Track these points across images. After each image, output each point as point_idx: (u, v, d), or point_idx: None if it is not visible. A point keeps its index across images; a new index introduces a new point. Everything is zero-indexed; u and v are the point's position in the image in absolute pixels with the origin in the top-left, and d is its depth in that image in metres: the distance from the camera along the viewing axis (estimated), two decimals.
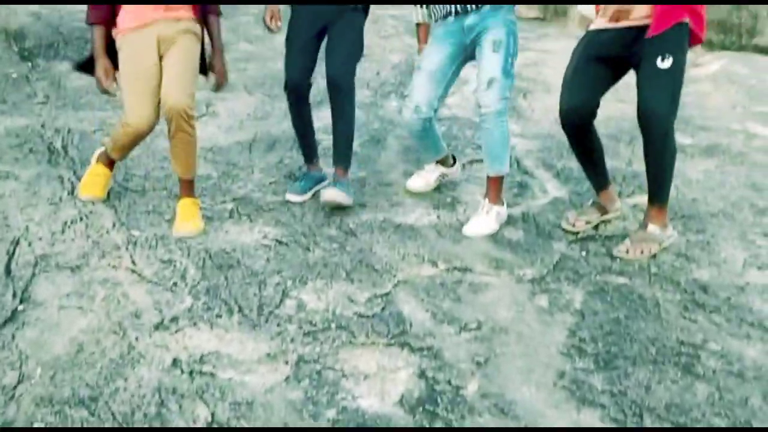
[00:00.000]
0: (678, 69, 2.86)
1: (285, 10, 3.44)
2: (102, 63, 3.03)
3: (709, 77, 6.33)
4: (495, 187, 3.30)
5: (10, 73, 4.85)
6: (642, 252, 3.02)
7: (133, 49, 3.01)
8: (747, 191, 3.72)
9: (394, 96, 5.44)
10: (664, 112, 2.86)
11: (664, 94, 2.85)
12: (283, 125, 4.50)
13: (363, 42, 3.40)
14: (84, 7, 3.10)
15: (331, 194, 3.29)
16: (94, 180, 3.29)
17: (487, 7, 3.17)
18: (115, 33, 3.07)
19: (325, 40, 3.38)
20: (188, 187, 3.23)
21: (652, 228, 3.07)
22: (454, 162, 3.73)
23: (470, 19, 3.19)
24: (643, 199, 3.48)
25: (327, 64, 3.29)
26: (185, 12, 3.10)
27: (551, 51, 6.93)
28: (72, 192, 3.36)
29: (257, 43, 6.33)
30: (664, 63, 2.83)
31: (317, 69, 3.43)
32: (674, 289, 2.83)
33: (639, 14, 2.92)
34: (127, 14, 3.04)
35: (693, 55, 8.02)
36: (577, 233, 3.24)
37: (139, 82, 2.98)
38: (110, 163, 3.33)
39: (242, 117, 4.69)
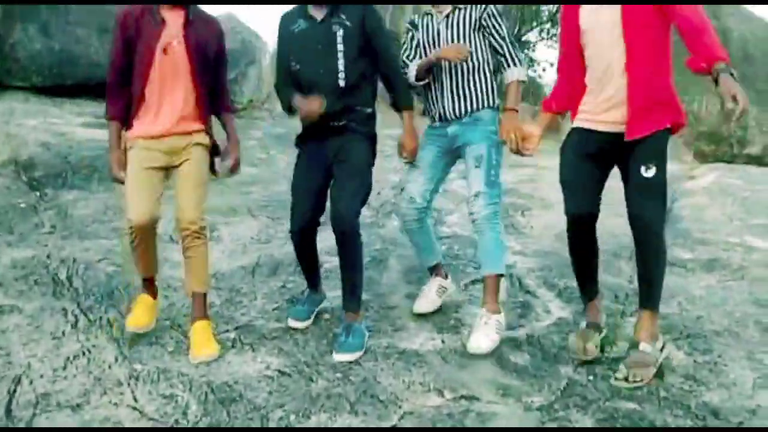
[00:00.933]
0: (662, 175, 2.92)
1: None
2: (115, 156, 3.20)
3: (705, 190, 6.44)
4: (491, 291, 3.31)
5: (18, 203, 4.94)
6: (642, 380, 2.94)
7: (140, 152, 3.15)
8: (751, 307, 3.71)
9: (395, 215, 5.52)
10: (654, 218, 2.91)
11: (651, 202, 2.91)
12: (286, 248, 4.53)
13: (370, 178, 3.36)
14: (92, 136, 3.24)
15: (342, 356, 3.16)
16: (137, 310, 3.32)
17: (467, 118, 3.39)
18: (126, 136, 3.21)
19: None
20: (201, 307, 3.25)
21: (644, 346, 2.99)
22: (447, 276, 3.80)
23: (453, 128, 3.43)
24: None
25: (331, 204, 3.24)
26: (196, 124, 3.24)
27: (547, 167, 7.04)
28: (75, 325, 3.36)
29: (261, 167, 6.50)
30: (648, 172, 2.90)
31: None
32: (685, 414, 2.78)
33: (618, 118, 3.00)
34: (139, 125, 3.18)
35: (686, 167, 8.21)
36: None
37: (140, 180, 3.11)
38: (149, 289, 3.38)
39: (246, 241, 4.75)
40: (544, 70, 15.12)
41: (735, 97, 2.51)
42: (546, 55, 15.10)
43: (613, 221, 3.57)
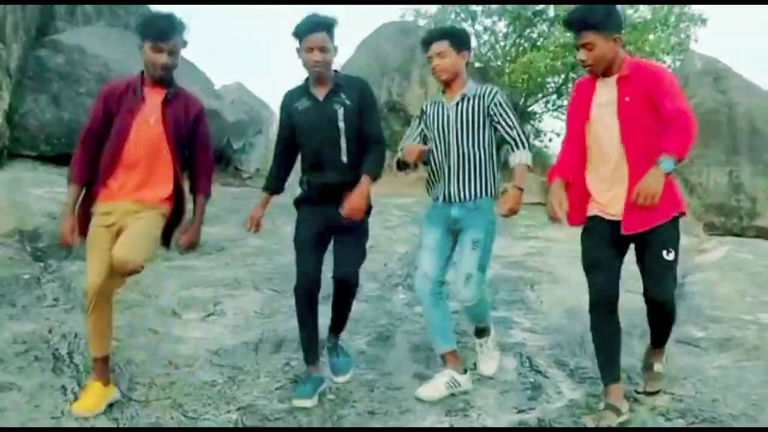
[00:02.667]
0: (677, 258, 3.18)
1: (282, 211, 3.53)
2: (69, 221, 3.23)
3: (715, 265, 6.37)
4: (481, 332, 3.80)
5: (21, 275, 4.91)
6: (658, 391, 3.46)
7: (99, 219, 3.22)
8: (767, 390, 3.59)
9: (402, 288, 5.47)
10: (672, 297, 3.21)
11: (671, 283, 3.19)
12: (290, 323, 4.47)
13: (367, 240, 3.60)
14: None
15: (342, 378, 3.64)
16: (84, 395, 3.25)
17: (470, 203, 3.49)
18: (97, 202, 3.27)
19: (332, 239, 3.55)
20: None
21: (657, 367, 3.47)
22: (466, 372, 3.62)
23: (455, 210, 3.54)
24: (663, 399, 3.41)
25: (337, 265, 3.44)
26: (155, 199, 3.28)
27: (555, 239, 7.04)
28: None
29: (266, 238, 6.45)
30: (669, 255, 3.13)
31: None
32: None
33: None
34: (102, 189, 3.23)
35: (697, 240, 8.16)
36: None
37: (95, 241, 3.18)
38: (102, 372, 3.27)
39: (249, 315, 4.68)
40: (550, 140, 15.26)
41: (643, 195, 2.86)
42: (552, 125, 15.26)
43: (623, 297, 3.50)
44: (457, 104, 3.52)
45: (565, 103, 14.47)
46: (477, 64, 14.14)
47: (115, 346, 3.93)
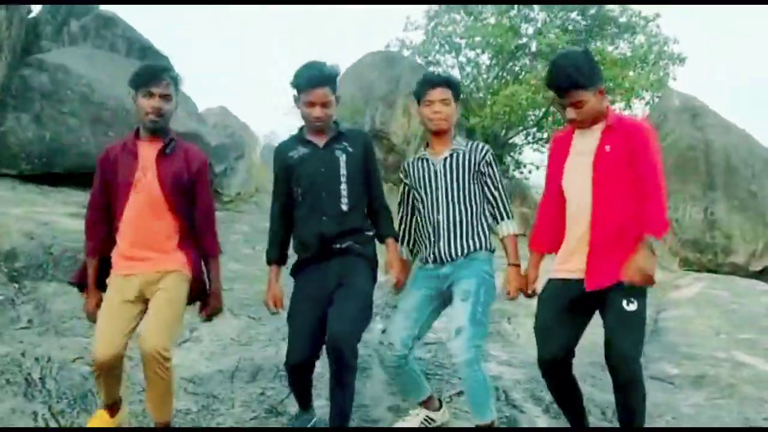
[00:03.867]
0: (642, 311, 2.92)
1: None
2: (92, 295, 3.13)
3: (690, 301, 6.44)
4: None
5: None
6: None
7: (115, 289, 3.05)
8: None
9: (380, 318, 5.45)
10: (633, 354, 2.85)
11: (632, 337, 2.87)
12: (267, 351, 4.47)
13: (371, 303, 3.24)
14: (77, 227, 3.21)
15: None
16: (92, 425, 3.17)
17: (461, 259, 3.27)
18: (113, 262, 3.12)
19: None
20: None
21: None
22: (441, 406, 3.54)
23: (446, 269, 3.29)
24: None
25: (330, 325, 3.00)
26: (172, 264, 3.09)
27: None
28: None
29: (245, 262, 6.44)
30: (630, 306, 2.88)
31: None
32: None
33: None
34: (117, 259, 3.09)
35: (672, 276, 8.24)
36: None
37: (110, 318, 2.97)
38: (110, 408, 3.18)
39: (226, 342, 4.65)
40: (530, 172, 15.37)
41: (639, 274, 2.81)
42: (531, 157, 15.39)
43: (597, 331, 3.51)
44: (446, 159, 3.32)
45: (545, 135, 14.64)
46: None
47: (90, 371, 3.89)
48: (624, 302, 2.88)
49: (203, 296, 3.24)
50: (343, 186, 3.22)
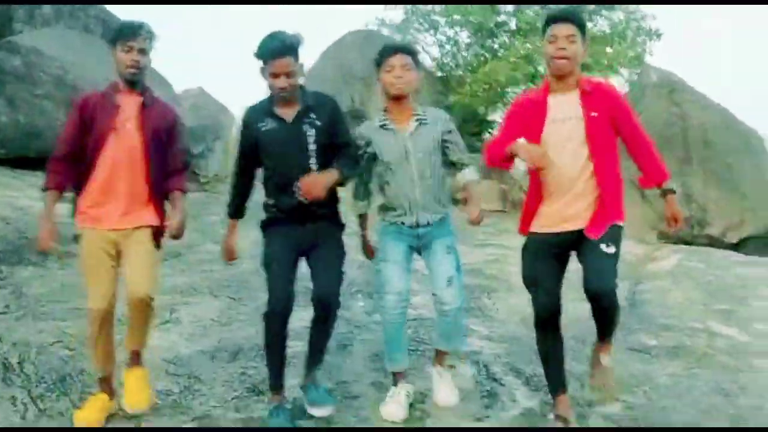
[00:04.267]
0: (617, 256, 3.16)
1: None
2: (47, 226, 3.13)
3: (668, 273, 6.50)
4: (443, 358, 3.61)
5: None
6: (610, 385, 3.40)
7: (92, 242, 3.20)
8: (716, 398, 3.69)
9: (361, 296, 5.47)
10: (612, 287, 3.10)
11: (611, 274, 3.12)
12: (247, 331, 4.46)
13: (344, 260, 3.43)
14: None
15: (320, 411, 3.35)
16: (89, 406, 3.24)
17: (436, 221, 3.47)
18: (77, 220, 3.26)
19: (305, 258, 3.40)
20: (137, 358, 3.38)
21: (605, 360, 3.34)
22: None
23: (421, 230, 3.46)
24: (615, 407, 3.48)
25: (316, 286, 3.26)
26: (145, 213, 3.27)
27: (513, 247, 7.02)
28: (24, 416, 3.21)
29: None
30: (609, 249, 3.11)
31: None
32: None
33: (576, 221, 3.19)
34: (89, 212, 3.22)
35: (650, 248, 8.31)
36: None
37: (94, 265, 3.18)
38: (106, 388, 3.30)
39: (206, 322, 4.64)
40: None
41: (676, 220, 3.18)
42: None
43: (576, 305, 3.56)
44: (413, 134, 3.40)
45: None
46: (439, 73, 14.25)
47: (68, 355, 3.90)
48: (604, 246, 3.11)
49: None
50: (313, 160, 3.30)
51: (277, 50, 3.18)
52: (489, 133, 15.05)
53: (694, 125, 10.39)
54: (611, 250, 3.11)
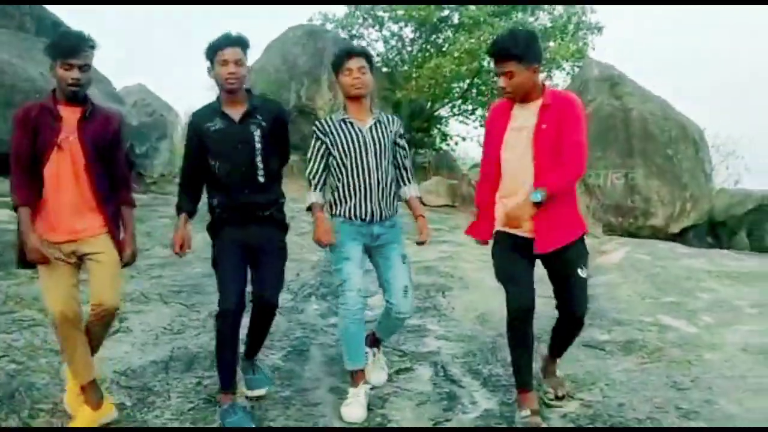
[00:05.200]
0: (588, 276, 3.42)
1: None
2: (33, 236, 3.08)
3: (616, 266, 6.62)
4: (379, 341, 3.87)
5: None
6: (565, 391, 3.67)
7: (48, 248, 3.13)
8: (670, 392, 3.75)
9: (315, 298, 5.43)
10: (585, 311, 3.44)
11: (585, 297, 3.43)
12: (201, 339, 4.38)
13: (285, 264, 3.54)
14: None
15: (256, 392, 3.62)
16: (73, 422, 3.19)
17: (389, 221, 3.62)
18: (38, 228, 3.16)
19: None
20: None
21: (559, 372, 3.73)
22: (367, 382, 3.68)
23: (377, 228, 3.58)
24: (572, 405, 3.52)
25: (260, 288, 3.36)
26: (93, 230, 3.23)
27: (465, 243, 7.12)
28: None
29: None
30: (584, 272, 3.37)
31: None
32: None
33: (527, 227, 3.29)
34: (41, 226, 3.16)
35: (597, 241, 8.46)
36: None
37: (54, 273, 3.12)
38: (91, 395, 3.22)
39: (158, 331, 4.53)
40: (456, 143, 15.55)
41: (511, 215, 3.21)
42: (457, 129, 15.56)
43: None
44: (372, 128, 3.58)
45: (470, 107, 14.76)
46: (384, 69, 14.22)
47: (15, 369, 3.76)
48: (579, 270, 3.35)
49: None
50: (259, 159, 3.41)
51: (227, 40, 3.33)
52: (437, 128, 15.15)
53: (634, 117, 10.61)
54: (585, 273, 3.37)
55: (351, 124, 3.57)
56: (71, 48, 3.12)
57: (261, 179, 3.41)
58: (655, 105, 11.04)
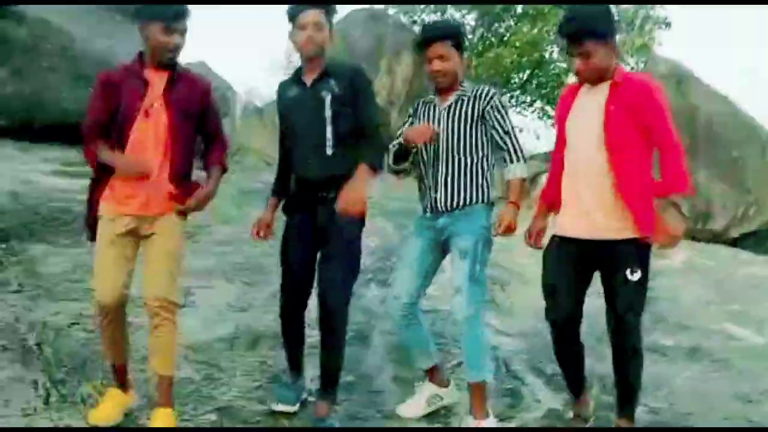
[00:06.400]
0: (645, 281, 2.98)
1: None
2: (123, 158, 2.97)
3: (678, 270, 6.50)
4: (477, 398, 3.16)
5: None
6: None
7: (107, 229, 3.00)
8: (738, 404, 3.69)
9: (374, 285, 5.44)
10: (636, 323, 2.98)
11: (636, 306, 2.98)
12: (265, 319, 4.43)
13: (359, 258, 3.27)
14: (61, 186, 3.11)
15: None
16: (104, 405, 3.11)
17: (459, 211, 3.22)
18: (102, 204, 3.05)
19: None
20: (165, 393, 3.06)
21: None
22: (449, 383, 3.51)
23: (443, 220, 3.25)
24: (637, 411, 3.45)
25: (321, 286, 3.12)
26: (162, 206, 3.04)
27: (517, 236, 7.06)
28: (47, 401, 3.16)
29: (235, 225, 6.34)
30: (634, 275, 2.94)
31: None
32: None
33: (601, 228, 2.99)
34: (112, 196, 3.02)
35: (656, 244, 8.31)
36: None
37: (108, 254, 2.97)
38: (120, 380, 3.16)
39: (222, 308, 4.60)
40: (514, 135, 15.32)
41: (670, 237, 2.87)
42: (516, 121, 15.39)
43: (594, 303, 3.53)
44: (450, 106, 3.27)
45: (528, 99, 14.60)
46: None
47: (86, 338, 3.85)
48: (628, 272, 2.93)
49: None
50: (329, 129, 3.13)
51: (304, 2, 3.12)
52: None
53: (700, 116, 10.37)
54: (635, 276, 2.94)
55: (431, 104, 3.35)
56: (176, 13, 2.98)
57: (329, 151, 3.13)
58: (723, 104, 10.76)
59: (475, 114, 3.24)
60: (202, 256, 5.51)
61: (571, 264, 3.08)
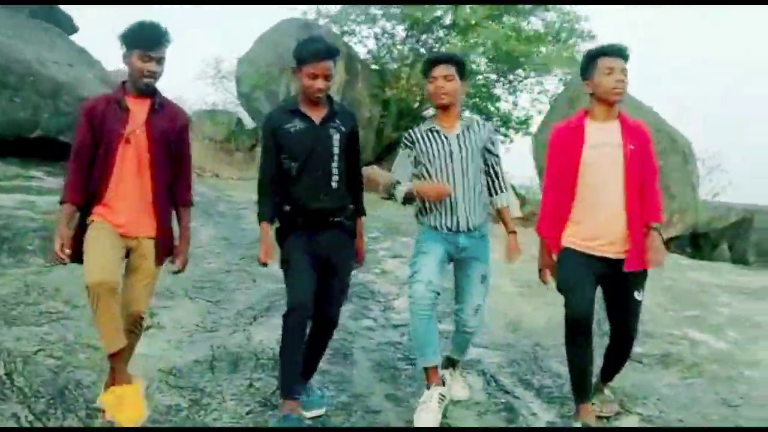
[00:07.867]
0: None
1: None
2: (64, 232, 3.03)
3: None
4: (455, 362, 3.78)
5: None
6: (611, 411, 3.59)
7: (101, 228, 3.07)
8: (722, 409, 3.77)
9: (350, 301, 5.33)
10: (637, 334, 3.53)
11: (638, 320, 3.48)
12: (237, 338, 4.29)
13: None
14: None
15: (312, 413, 3.40)
16: (127, 405, 3.01)
17: (477, 232, 3.48)
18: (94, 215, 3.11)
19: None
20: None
21: (607, 391, 3.67)
22: (444, 382, 3.56)
23: (464, 239, 3.47)
24: (632, 420, 3.52)
25: (326, 304, 3.29)
26: (150, 224, 3.18)
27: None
28: None
29: None
30: (640, 295, 3.38)
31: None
32: None
33: (615, 247, 3.30)
34: (100, 212, 3.09)
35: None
36: None
37: (104, 243, 3.01)
38: (121, 368, 3.04)
39: (191, 328, 4.41)
40: None
41: (659, 258, 3.25)
42: None
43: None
44: (459, 135, 3.48)
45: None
46: (374, 66, 14.11)
47: (57, 365, 3.60)
48: (636, 293, 3.37)
49: (171, 251, 3.34)
50: (335, 165, 3.31)
51: (321, 52, 3.21)
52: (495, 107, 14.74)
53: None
54: (641, 296, 3.38)
55: (437, 133, 3.50)
56: (153, 40, 3.09)
57: (334, 184, 3.31)
58: (647, 115, 11.14)
59: (480, 143, 3.53)
60: (161, 275, 5.26)
61: (590, 267, 3.30)
